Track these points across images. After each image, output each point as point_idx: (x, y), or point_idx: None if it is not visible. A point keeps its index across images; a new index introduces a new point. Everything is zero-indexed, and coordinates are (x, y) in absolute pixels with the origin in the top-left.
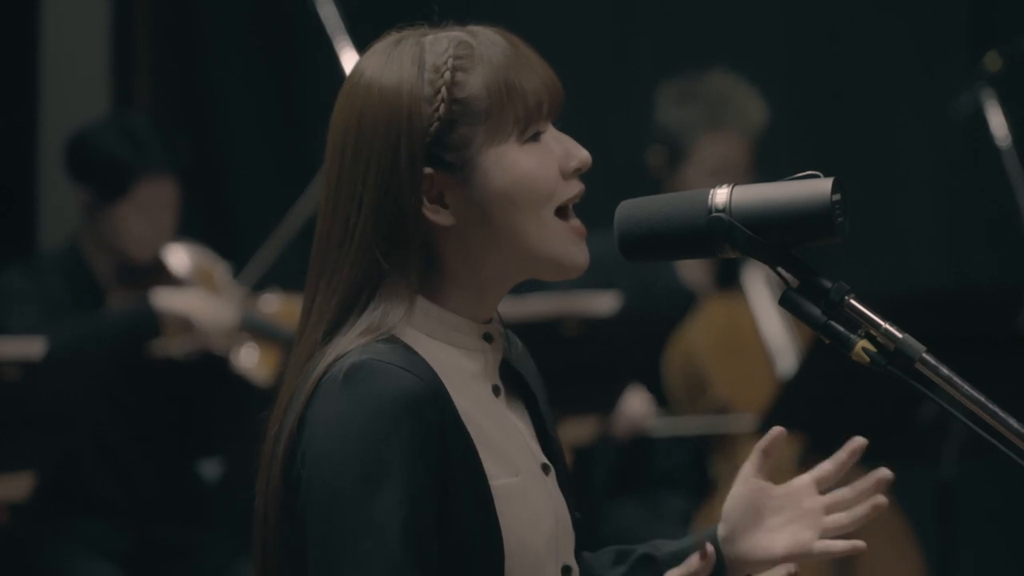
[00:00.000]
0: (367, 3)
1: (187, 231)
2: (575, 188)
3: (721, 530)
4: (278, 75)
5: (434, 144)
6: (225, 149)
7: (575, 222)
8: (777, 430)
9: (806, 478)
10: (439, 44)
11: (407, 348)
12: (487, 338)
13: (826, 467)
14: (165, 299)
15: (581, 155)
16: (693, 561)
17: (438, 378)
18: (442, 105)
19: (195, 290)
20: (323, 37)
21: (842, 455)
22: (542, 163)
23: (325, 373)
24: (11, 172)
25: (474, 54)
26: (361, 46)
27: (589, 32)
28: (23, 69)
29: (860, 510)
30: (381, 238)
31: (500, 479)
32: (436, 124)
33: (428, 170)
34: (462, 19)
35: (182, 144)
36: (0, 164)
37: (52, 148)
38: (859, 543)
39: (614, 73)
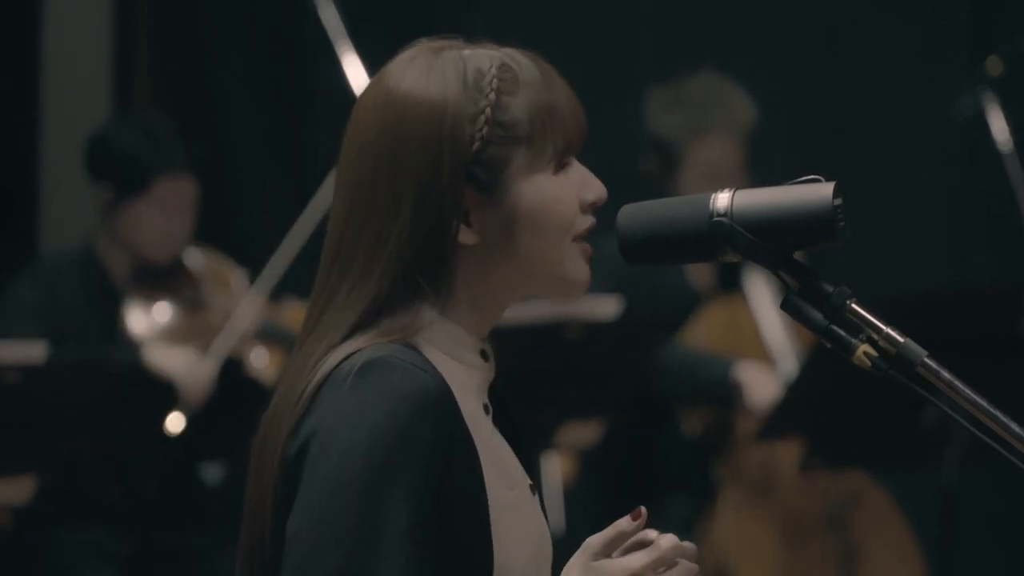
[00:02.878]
0: (368, 4)
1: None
2: (588, 222)
3: None
4: (278, 76)
5: (472, 162)
6: (225, 150)
7: (584, 244)
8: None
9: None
10: (481, 62)
11: (419, 353)
12: (484, 356)
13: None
14: (153, 356)
15: (598, 190)
16: (623, 522)
17: (447, 383)
18: (485, 126)
19: (182, 351)
20: (324, 38)
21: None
22: (567, 194)
23: (336, 367)
24: (12, 173)
25: (517, 77)
26: (362, 47)
27: (589, 33)
28: (24, 70)
29: None
30: (416, 251)
31: (498, 491)
32: (477, 144)
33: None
34: (460, 27)
35: (198, 144)
36: (1, 164)
37: (53, 148)
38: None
39: (614, 74)
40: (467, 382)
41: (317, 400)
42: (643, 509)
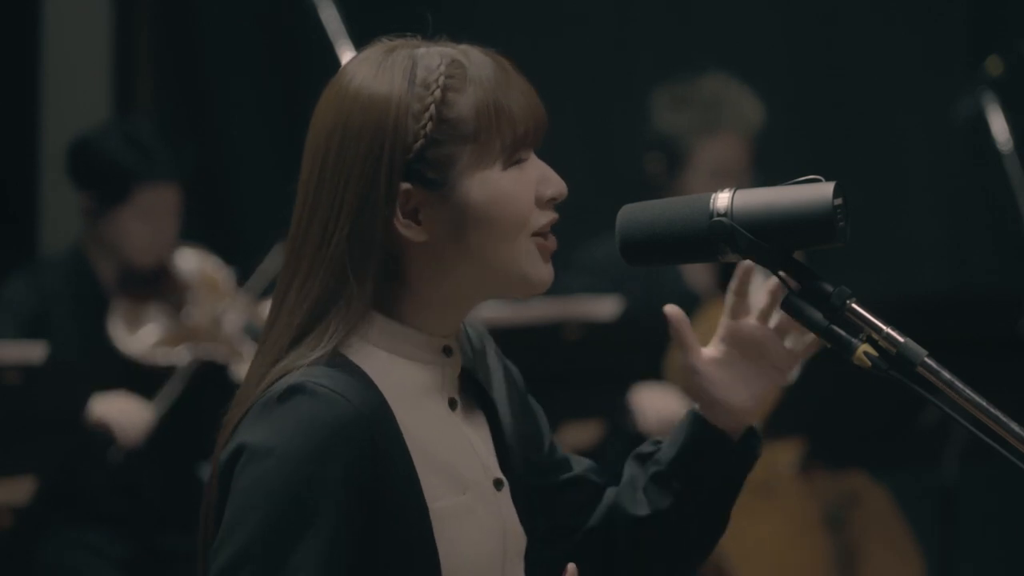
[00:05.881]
0: (368, 4)
1: (189, 234)
2: (548, 217)
3: (699, 408)
4: (280, 76)
5: (416, 160)
6: (227, 150)
7: (545, 240)
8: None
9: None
10: (431, 60)
11: (351, 369)
12: (447, 351)
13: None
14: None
15: (557, 185)
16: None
17: (379, 400)
18: (429, 123)
19: (118, 396)
20: (324, 38)
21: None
22: (521, 189)
23: (266, 391)
24: (12, 175)
25: (466, 74)
26: (362, 47)
27: (589, 36)
28: (24, 71)
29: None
30: (354, 248)
31: (444, 500)
32: (421, 141)
33: (406, 185)
34: (463, 25)
35: (187, 148)
36: (1, 167)
37: (54, 150)
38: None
39: (615, 77)
40: (423, 381)
41: (243, 423)
42: (572, 566)
